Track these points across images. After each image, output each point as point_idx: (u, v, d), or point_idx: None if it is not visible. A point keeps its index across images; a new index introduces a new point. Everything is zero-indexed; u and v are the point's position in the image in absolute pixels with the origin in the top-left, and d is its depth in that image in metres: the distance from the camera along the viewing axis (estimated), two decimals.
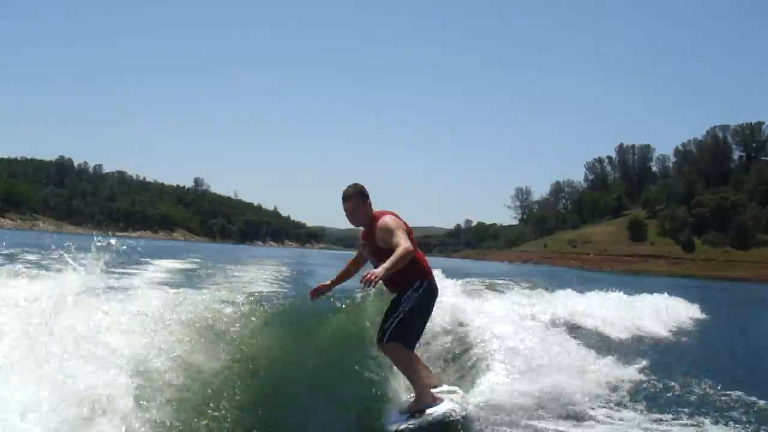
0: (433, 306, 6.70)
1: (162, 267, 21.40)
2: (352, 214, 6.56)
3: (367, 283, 5.79)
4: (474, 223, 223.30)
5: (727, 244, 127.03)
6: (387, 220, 6.43)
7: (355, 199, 6.52)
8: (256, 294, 9.57)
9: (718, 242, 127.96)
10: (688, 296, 22.64)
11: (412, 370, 6.52)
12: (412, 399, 6.54)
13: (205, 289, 12.63)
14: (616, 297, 17.77)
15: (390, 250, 6.19)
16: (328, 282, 6.92)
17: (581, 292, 17.55)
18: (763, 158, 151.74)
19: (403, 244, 6.17)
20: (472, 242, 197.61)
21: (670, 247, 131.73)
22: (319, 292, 6.88)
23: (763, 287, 71.15)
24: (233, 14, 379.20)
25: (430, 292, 6.58)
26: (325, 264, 33.59)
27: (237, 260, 31.63)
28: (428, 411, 6.35)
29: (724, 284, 67.75)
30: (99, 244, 6.76)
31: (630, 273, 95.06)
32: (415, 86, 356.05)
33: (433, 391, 6.51)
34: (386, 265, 5.95)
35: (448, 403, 6.49)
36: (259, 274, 21.51)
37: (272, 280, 19.70)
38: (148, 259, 22.91)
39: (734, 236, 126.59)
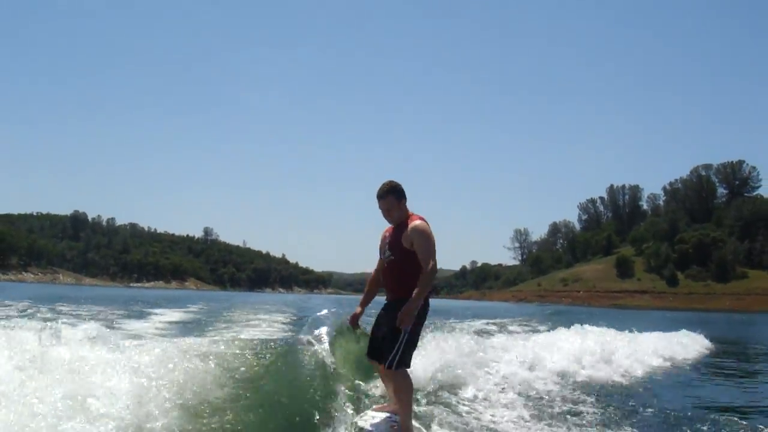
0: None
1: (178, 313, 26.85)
2: (387, 214, 6.34)
3: (406, 324, 6.00)
4: (479, 264, 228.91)
5: (708, 278, 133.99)
6: (424, 225, 6.20)
7: (390, 199, 6.26)
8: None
9: (700, 276, 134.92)
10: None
11: (411, 399, 6.44)
12: (389, 422, 6.44)
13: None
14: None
15: (409, 252, 6.16)
16: (359, 309, 6.73)
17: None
18: (747, 195, 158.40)
19: (433, 263, 6.06)
20: (477, 283, 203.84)
21: (654, 283, 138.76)
22: (357, 320, 6.71)
23: (739, 316, 77.44)
24: (240, 68, 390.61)
25: (427, 308, 6.31)
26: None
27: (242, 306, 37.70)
28: None
29: (703, 315, 72.03)
30: None
31: (615, 308, 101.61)
32: (421, 134, 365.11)
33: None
34: (417, 293, 5.96)
35: None
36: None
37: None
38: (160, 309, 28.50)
39: (715, 270, 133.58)
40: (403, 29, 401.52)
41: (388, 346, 6.18)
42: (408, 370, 6.36)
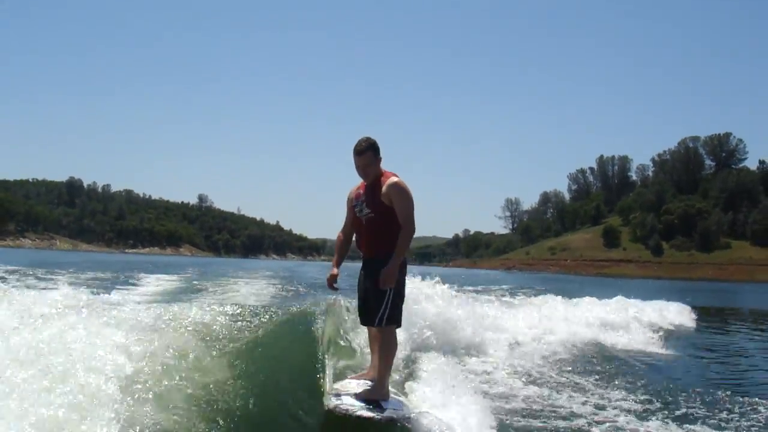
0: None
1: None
2: (363, 171, 6.24)
3: (389, 285, 6.03)
4: (471, 232, 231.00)
5: (692, 247, 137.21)
6: (403, 183, 6.20)
7: (369, 155, 6.17)
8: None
9: (684, 246, 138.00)
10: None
11: (392, 358, 6.45)
12: (365, 385, 6.28)
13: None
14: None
15: (388, 208, 6.12)
16: (335, 270, 6.52)
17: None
18: (733, 167, 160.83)
19: (413, 224, 6.12)
20: (468, 251, 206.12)
21: (640, 252, 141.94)
22: (334, 281, 6.50)
23: (720, 285, 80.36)
24: (237, 36, 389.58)
25: (406, 267, 6.40)
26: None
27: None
28: (387, 406, 6.05)
29: (685, 284, 74.62)
30: None
31: (601, 276, 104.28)
32: (414, 106, 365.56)
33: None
34: (396, 252, 6.01)
35: (403, 406, 6.25)
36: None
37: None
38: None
39: (699, 240, 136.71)
40: (397, 4, 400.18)
41: (375, 305, 6.17)
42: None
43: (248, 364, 5.90)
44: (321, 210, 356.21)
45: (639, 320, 16.97)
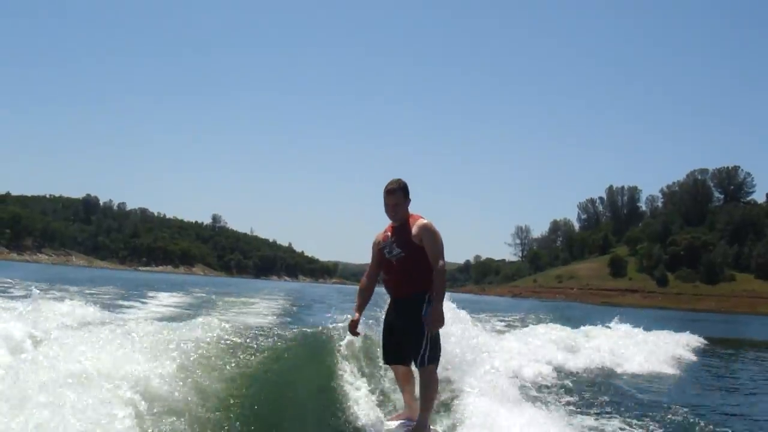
0: None
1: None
2: (392, 209, 6.36)
3: (438, 327, 6.16)
4: (482, 259, 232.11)
5: (697, 279, 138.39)
6: (433, 225, 6.35)
7: (399, 194, 6.34)
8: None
9: (689, 278, 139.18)
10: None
11: (435, 397, 6.46)
12: (406, 427, 6.36)
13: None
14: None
15: (419, 248, 6.26)
16: (357, 315, 6.45)
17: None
18: (741, 200, 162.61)
19: (443, 262, 6.24)
20: (478, 277, 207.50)
21: (645, 282, 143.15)
22: (356, 326, 6.45)
23: (723, 317, 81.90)
24: (250, 56, 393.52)
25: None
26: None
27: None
28: None
29: (688, 315, 75.49)
30: None
31: (606, 305, 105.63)
32: (429, 132, 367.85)
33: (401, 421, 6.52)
34: (436, 295, 6.15)
35: None
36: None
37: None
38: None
39: (704, 272, 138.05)
40: (408, 25, 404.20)
41: (415, 345, 6.20)
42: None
43: (263, 387, 6.26)
44: (333, 233, 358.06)
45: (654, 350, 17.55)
